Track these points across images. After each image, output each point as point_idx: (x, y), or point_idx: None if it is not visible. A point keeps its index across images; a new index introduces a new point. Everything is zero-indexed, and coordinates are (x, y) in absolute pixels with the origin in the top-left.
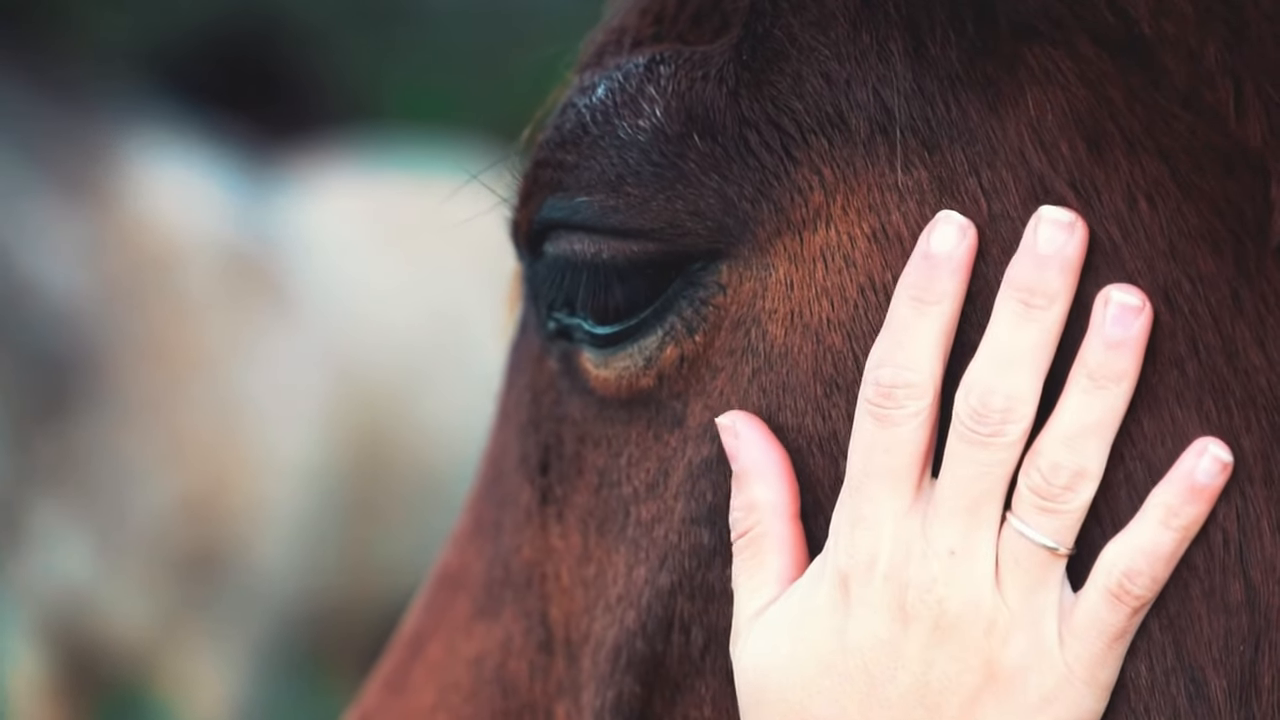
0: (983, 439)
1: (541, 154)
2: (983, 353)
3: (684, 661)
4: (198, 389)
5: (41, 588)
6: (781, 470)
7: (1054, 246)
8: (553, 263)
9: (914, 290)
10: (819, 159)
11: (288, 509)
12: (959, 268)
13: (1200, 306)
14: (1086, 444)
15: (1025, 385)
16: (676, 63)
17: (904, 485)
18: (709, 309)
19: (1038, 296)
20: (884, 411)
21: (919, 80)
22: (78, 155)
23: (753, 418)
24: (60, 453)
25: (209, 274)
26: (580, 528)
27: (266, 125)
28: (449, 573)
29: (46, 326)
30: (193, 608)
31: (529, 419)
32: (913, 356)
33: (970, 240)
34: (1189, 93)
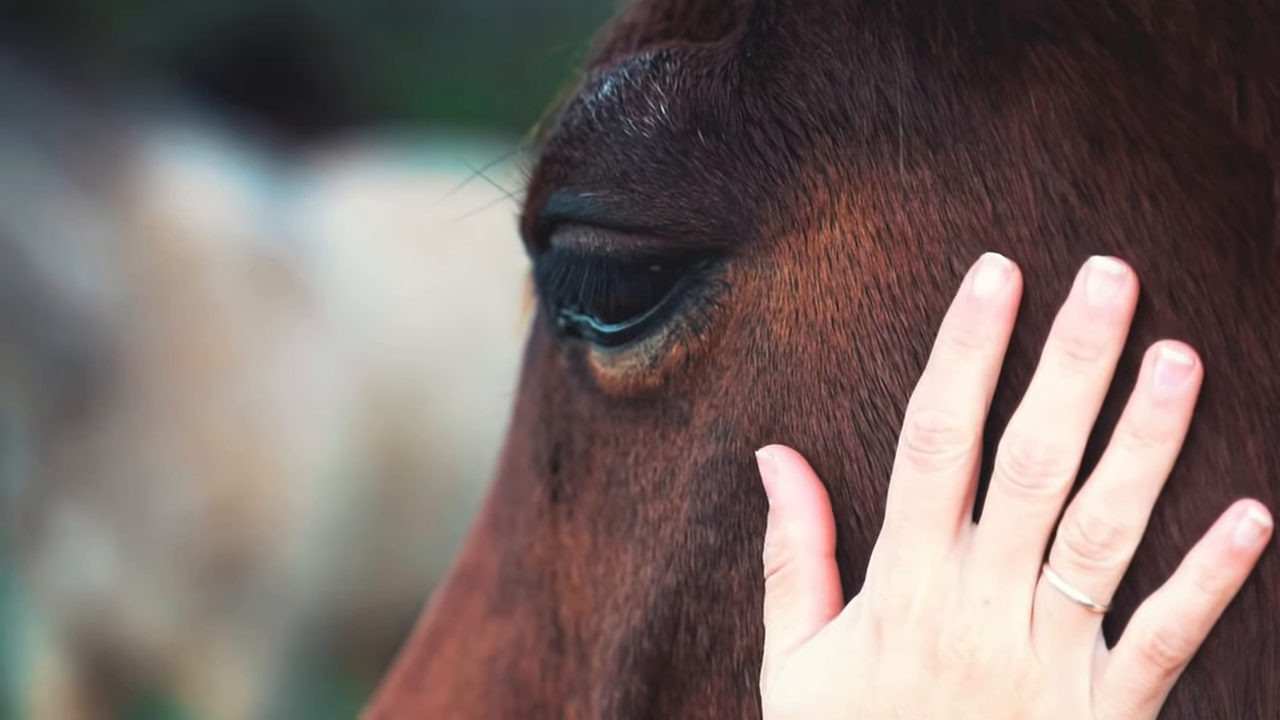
0: (1023, 490)
1: (549, 150)
2: (1027, 403)
3: (690, 661)
4: (221, 392)
5: (64, 592)
6: (818, 507)
7: (1103, 299)
8: (558, 256)
9: (957, 333)
10: (823, 157)
11: (311, 513)
12: (1002, 311)
13: (1204, 306)
14: (1127, 502)
15: (1069, 438)
16: (682, 59)
17: (942, 530)
18: (714, 308)
19: (1085, 348)
20: (923, 455)
21: (921, 78)
22: (99, 155)
23: (792, 453)
24: (83, 457)
25: (232, 275)
26: (589, 526)
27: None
28: (466, 570)
29: (68, 329)
30: (216, 613)
31: (540, 416)
32: (954, 400)
33: (1015, 283)
34: (1191, 92)
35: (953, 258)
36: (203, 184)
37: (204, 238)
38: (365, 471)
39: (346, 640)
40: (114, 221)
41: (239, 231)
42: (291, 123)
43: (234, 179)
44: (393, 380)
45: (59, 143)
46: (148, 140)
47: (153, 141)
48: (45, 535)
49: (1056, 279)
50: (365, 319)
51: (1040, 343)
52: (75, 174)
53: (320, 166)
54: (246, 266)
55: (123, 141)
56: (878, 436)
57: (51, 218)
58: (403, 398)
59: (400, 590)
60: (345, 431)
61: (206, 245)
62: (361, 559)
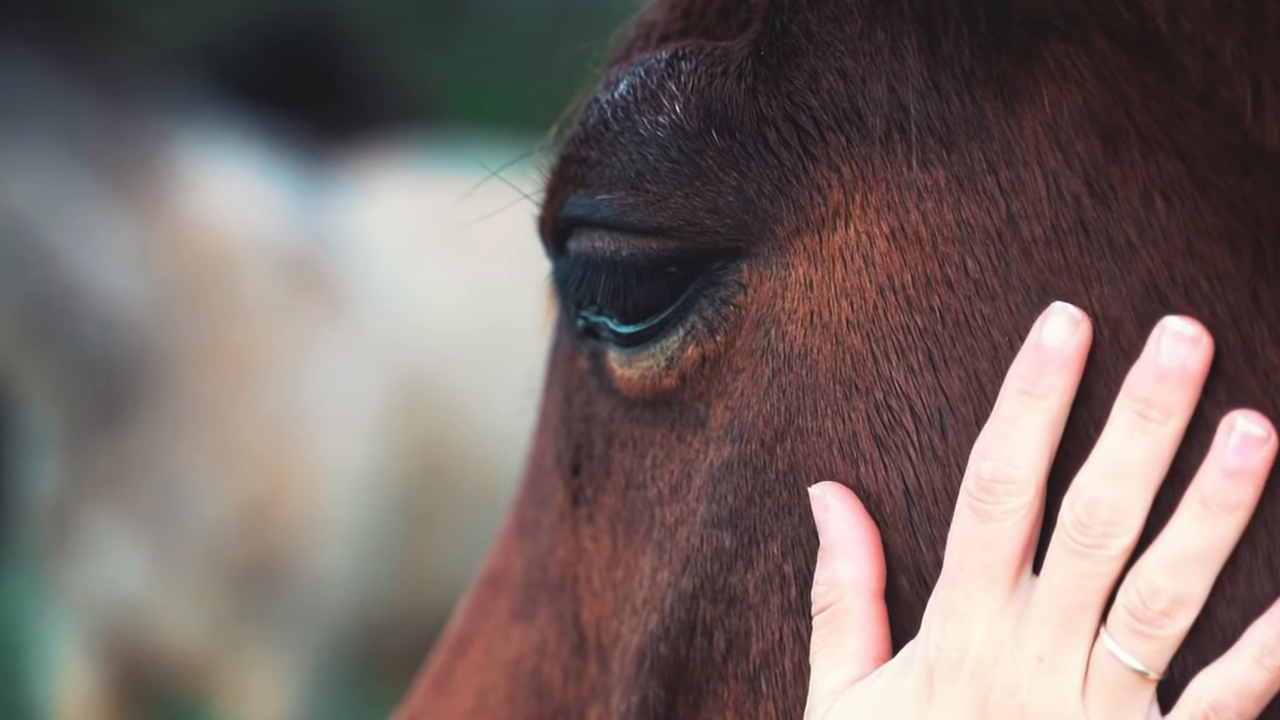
0: (1084, 550)
1: (567, 150)
2: (1093, 461)
3: (706, 665)
4: (252, 395)
5: (94, 598)
6: (869, 547)
7: (1176, 360)
8: (575, 259)
9: (1022, 382)
10: (837, 157)
11: (343, 518)
12: (1070, 362)
13: (1220, 306)
14: (1191, 571)
15: (1133, 499)
16: (698, 58)
17: (999, 583)
18: (730, 308)
19: (1154, 410)
20: (983, 506)
21: (934, 77)
22: (129, 156)
23: (845, 490)
24: (113, 461)
25: (264, 277)
26: (609, 529)
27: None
28: (493, 573)
29: (99, 332)
30: (248, 619)
31: (562, 419)
32: (1017, 451)
33: (1084, 334)
34: (1205, 90)
35: (967, 258)
36: (234, 184)
37: (235, 239)
38: (397, 475)
39: (378, 646)
40: (144, 222)
41: (270, 232)
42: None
43: (265, 179)
44: (425, 383)
45: (89, 143)
46: (178, 140)
47: (183, 141)
48: (75, 540)
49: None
50: (397, 321)
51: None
52: (105, 174)
53: (352, 166)
54: (278, 267)
55: (153, 141)
56: (893, 439)
57: (81, 219)
58: (435, 401)
59: (432, 595)
60: (377, 435)
61: (237, 246)
62: (393, 564)
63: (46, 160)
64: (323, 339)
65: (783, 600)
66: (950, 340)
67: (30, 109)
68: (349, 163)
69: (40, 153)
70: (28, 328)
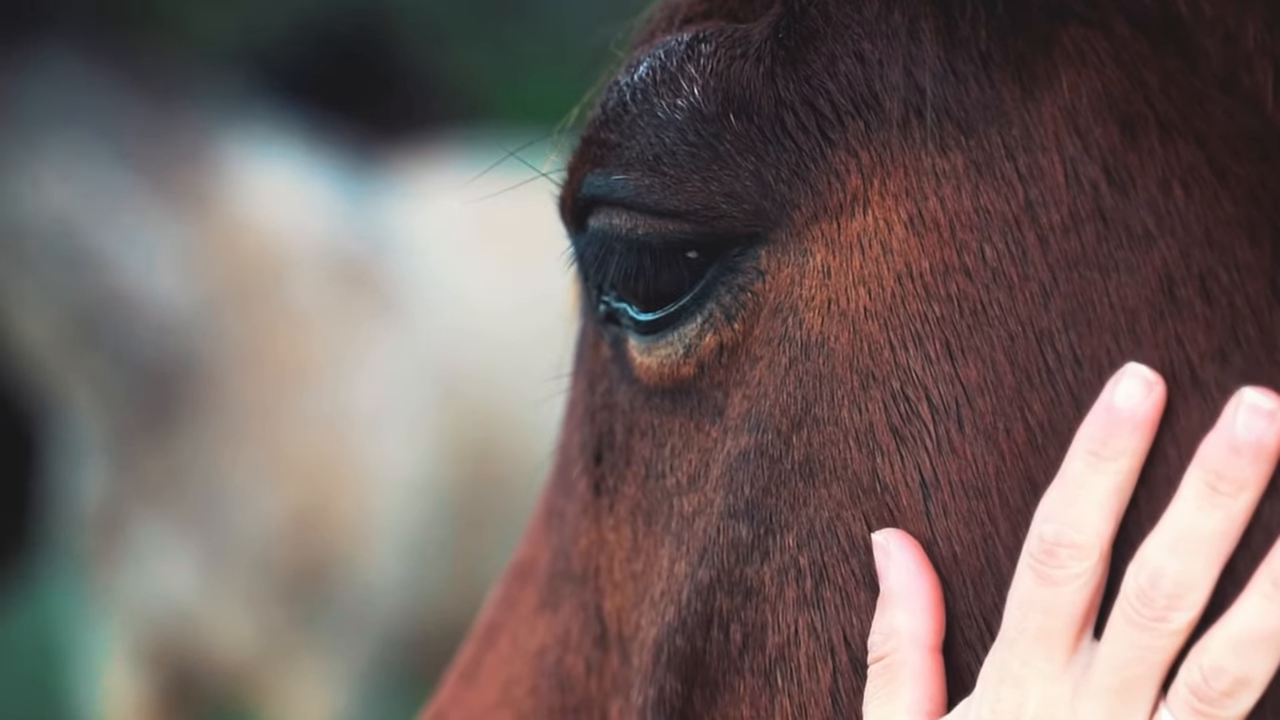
0: (1146, 622)
1: (588, 132)
2: (1160, 530)
3: (723, 659)
4: (302, 400)
5: (143, 605)
6: (929, 599)
7: (1253, 434)
8: (592, 237)
9: (1091, 444)
10: (856, 142)
11: (393, 523)
12: (1141, 425)
13: (1238, 298)
14: (1256, 653)
15: (1199, 573)
16: (717, 41)
17: (1058, 648)
18: (747, 295)
19: (1226, 483)
20: (1045, 570)
21: (951, 60)
22: (176, 157)
23: (908, 538)
24: (161, 467)
25: (314, 280)
26: (630, 520)
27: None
28: (521, 563)
29: (147, 336)
30: (298, 626)
31: (586, 407)
32: (1082, 515)
33: (1157, 396)
34: (1226, 75)
35: (985, 245)
36: (281, 185)
37: (283, 241)
38: (448, 481)
39: (428, 652)
40: (191, 225)
41: (319, 234)
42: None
43: (314, 180)
44: (475, 387)
45: (134, 144)
46: (225, 141)
47: (230, 142)
48: (122, 547)
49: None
50: (447, 324)
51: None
52: (151, 176)
53: (403, 167)
54: (327, 270)
55: (199, 142)
56: (909, 430)
57: (127, 222)
58: (485, 405)
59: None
60: (427, 440)
61: (286, 248)
62: (443, 570)
63: (91, 162)
64: (372, 342)
65: (798, 593)
66: (968, 329)
67: (74, 110)
68: (400, 163)
69: (85, 155)
70: (74, 332)
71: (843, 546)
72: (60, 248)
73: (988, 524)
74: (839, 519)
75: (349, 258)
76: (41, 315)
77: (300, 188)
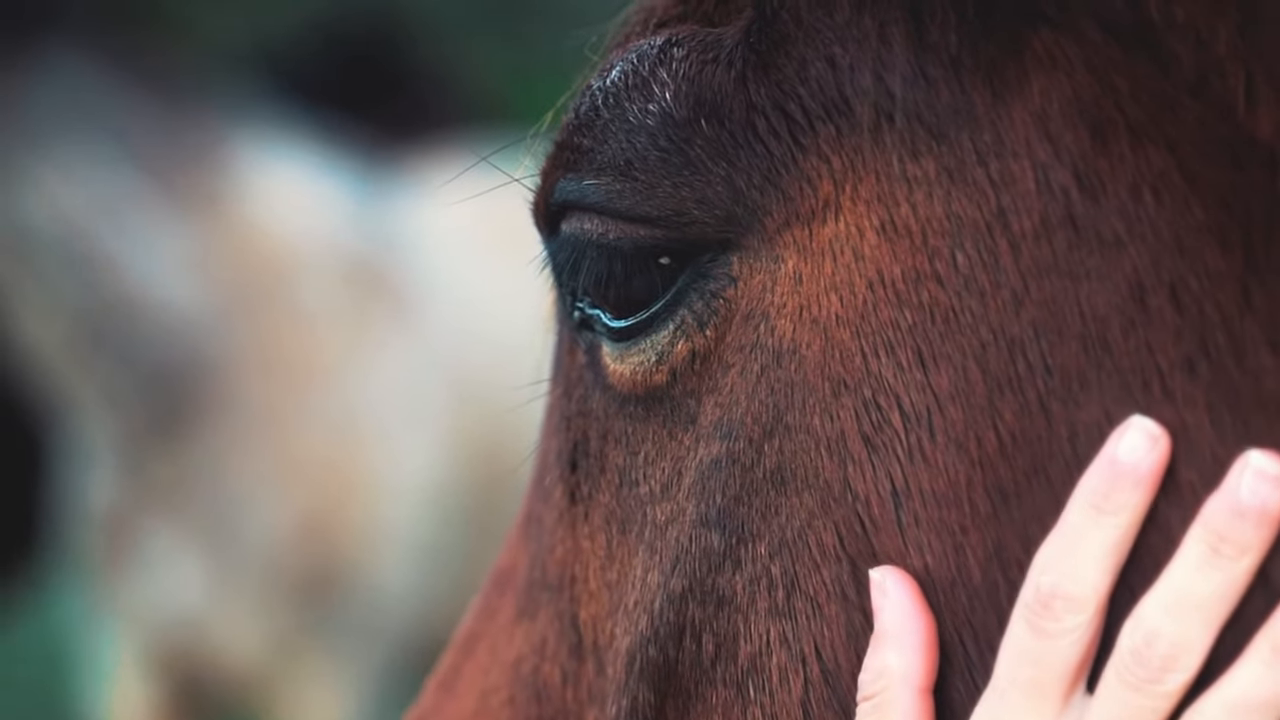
0: (1140, 683)
1: (561, 136)
2: (1158, 590)
3: (695, 669)
4: (313, 404)
5: (151, 611)
6: (922, 640)
7: (1257, 499)
8: (564, 242)
9: (1092, 497)
10: (827, 147)
11: (405, 528)
12: (1144, 479)
13: (1209, 305)
14: (1251, 719)
15: (1196, 635)
16: (690, 45)
17: (1049, 701)
18: (719, 302)
19: (1228, 545)
20: (1040, 622)
21: (922, 65)
22: (185, 159)
23: (905, 577)
24: (171, 472)
25: (324, 282)
26: (604, 528)
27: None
28: (501, 571)
29: (155, 340)
30: (308, 632)
31: (562, 414)
32: (1079, 568)
33: (1161, 451)
34: (1197, 80)
35: (957, 252)
36: (293, 187)
37: (294, 243)
38: (460, 485)
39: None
40: (200, 227)
41: (331, 236)
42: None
43: (324, 181)
44: (489, 390)
45: (143, 146)
46: (235, 142)
47: (240, 143)
48: (131, 552)
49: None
50: (461, 326)
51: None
52: (160, 178)
53: (416, 168)
54: (339, 272)
55: (209, 143)
56: (881, 438)
57: (136, 224)
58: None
59: None
60: (441, 443)
61: (297, 251)
62: (454, 575)
63: (99, 164)
64: (383, 345)
65: (770, 602)
66: (940, 337)
67: (82, 112)
68: (413, 164)
69: (92, 157)
70: (81, 336)
71: (814, 556)
72: (67, 250)
73: (958, 534)
74: (810, 528)
75: (359, 260)
76: (48, 319)
77: (311, 190)
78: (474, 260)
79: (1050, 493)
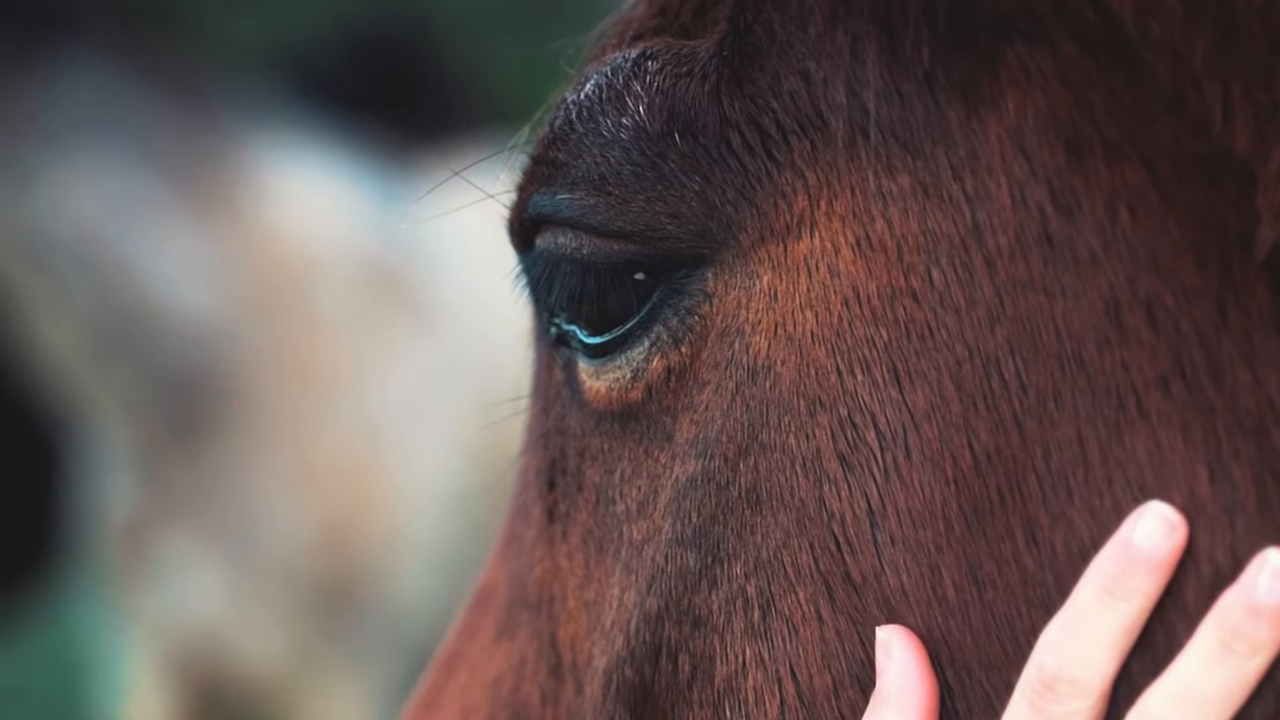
0: None
1: (536, 150)
2: (1166, 682)
3: (671, 690)
4: (333, 410)
5: (170, 621)
6: (924, 704)
7: (1274, 598)
8: (539, 256)
9: (1104, 579)
10: (802, 162)
11: (427, 536)
12: (1159, 567)
13: (1185, 323)
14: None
15: None
16: (664, 58)
17: None
18: (694, 318)
19: (1241, 643)
20: (1042, 703)
21: (896, 80)
22: (204, 163)
23: (911, 639)
24: (190, 480)
25: (345, 288)
26: (582, 547)
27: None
28: (483, 590)
29: (175, 347)
30: (329, 641)
31: (540, 431)
32: (1086, 651)
33: (1179, 538)
34: (1174, 95)
35: (932, 269)
36: (312, 191)
37: (314, 248)
38: (480, 492)
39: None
40: (220, 233)
41: (351, 241)
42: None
43: (346, 185)
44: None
45: (162, 151)
46: (255, 147)
47: (260, 148)
48: (150, 561)
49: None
50: (483, 332)
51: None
52: (179, 183)
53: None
54: (359, 278)
55: (228, 147)
56: (857, 457)
57: (154, 230)
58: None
59: None
60: (462, 450)
61: (317, 256)
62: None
63: (118, 170)
64: (405, 351)
65: (746, 623)
66: (915, 354)
67: (100, 116)
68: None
69: (112, 162)
70: (100, 343)
71: (789, 576)
72: (84, 256)
73: (933, 553)
74: (785, 547)
75: (381, 264)
76: (64, 325)
77: (332, 194)
78: (497, 265)
79: (1023, 511)
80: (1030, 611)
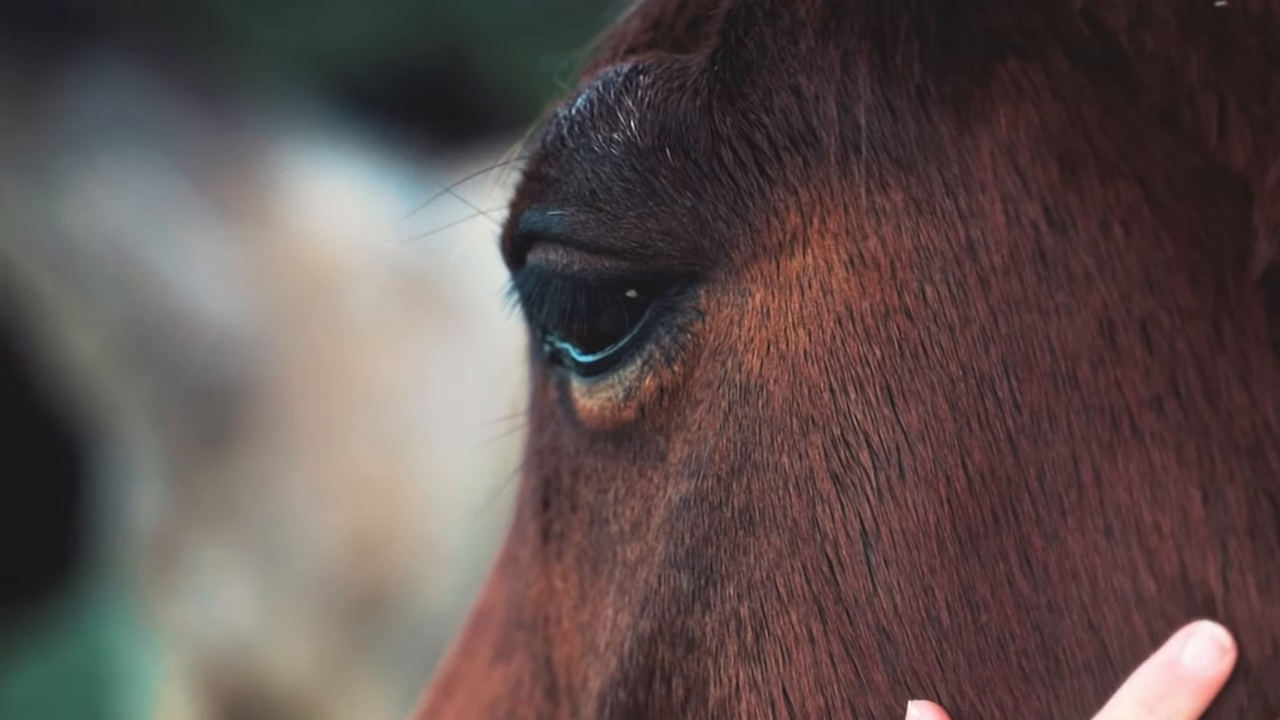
0: None
1: (528, 166)
2: None
3: (665, 713)
4: (364, 419)
5: (198, 631)
6: None
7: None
8: (530, 272)
9: (1146, 695)
10: (794, 178)
11: (458, 546)
12: (1205, 688)
13: (1180, 342)
14: None
15: None
16: (655, 73)
17: None
18: (687, 336)
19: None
20: None
21: (887, 95)
22: (234, 170)
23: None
24: (219, 489)
25: (375, 295)
26: (576, 568)
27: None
28: (480, 610)
29: (205, 356)
30: (360, 651)
31: (535, 450)
32: None
33: (1229, 662)
34: (1168, 110)
35: (926, 286)
36: (343, 198)
37: (345, 255)
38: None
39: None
40: (248, 240)
41: (382, 248)
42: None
43: (378, 192)
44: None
45: (191, 157)
46: (284, 151)
47: (290, 152)
48: (180, 571)
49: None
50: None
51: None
52: (207, 190)
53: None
54: (390, 285)
55: (258, 153)
56: (850, 477)
57: (183, 237)
58: None
59: None
60: (494, 459)
61: (347, 263)
62: None
63: (146, 176)
64: (435, 359)
65: (739, 645)
66: (909, 373)
67: (128, 122)
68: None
69: (140, 169)
70: (128, 352)
71: (782, 598)
72: (111, 263)
73: (927, 574)
74: (779, 569)
75: (412, 272)
76: (92, 334)
77: (363, 201)
78: None
79: (1017, 532)
80: (1023, 633)
